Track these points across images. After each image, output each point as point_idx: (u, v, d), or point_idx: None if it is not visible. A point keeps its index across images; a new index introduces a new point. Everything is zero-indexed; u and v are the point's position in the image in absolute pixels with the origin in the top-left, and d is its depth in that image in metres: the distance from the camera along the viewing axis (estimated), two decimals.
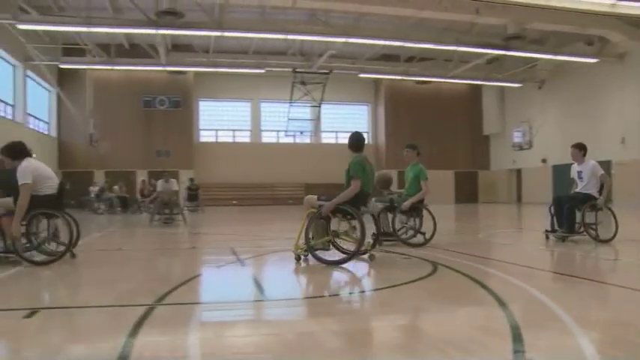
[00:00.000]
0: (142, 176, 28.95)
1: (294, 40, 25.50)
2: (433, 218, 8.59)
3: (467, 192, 37.13)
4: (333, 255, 6.65)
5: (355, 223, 6.63)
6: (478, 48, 24.59)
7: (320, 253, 6.51)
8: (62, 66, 27.94)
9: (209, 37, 25.43)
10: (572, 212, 8.84)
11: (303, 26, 23.04)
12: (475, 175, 38.02)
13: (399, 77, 31.10)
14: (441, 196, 32.91)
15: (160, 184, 15.95)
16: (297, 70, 28.56)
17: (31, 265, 6.37)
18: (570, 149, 9.35)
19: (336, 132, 37.43)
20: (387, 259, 7.10)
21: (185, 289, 5.03)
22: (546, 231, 9.16)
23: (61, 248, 6.88)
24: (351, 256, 6.35)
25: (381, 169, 26.87)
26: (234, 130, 36.38)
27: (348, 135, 7.07)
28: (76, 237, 6.93)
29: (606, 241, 8.50)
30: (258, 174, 34.51)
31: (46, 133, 30.90)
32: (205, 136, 36.05)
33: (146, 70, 30.78)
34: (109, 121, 31.25)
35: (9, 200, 6.62)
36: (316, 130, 35.47)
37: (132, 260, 7.43)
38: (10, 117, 26.10)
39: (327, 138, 37.38)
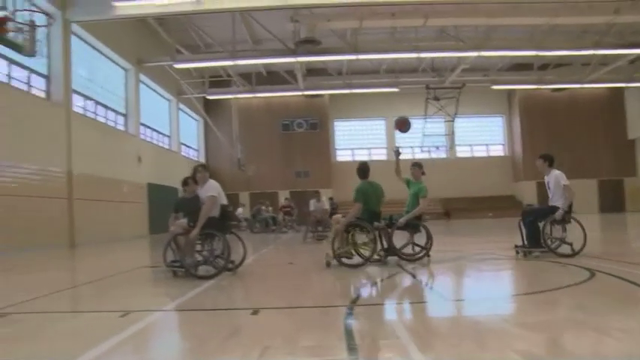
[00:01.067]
0: (283, 196, 30.57)
1: (425, 57, 26.03)
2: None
3: (612, 201, 35.52)
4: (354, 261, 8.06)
5: (371, 235, 8.07)
6: (620, 49, 23.51)
7: (344, 260, 8.02)
8: (209, 97, 30.23)
9: (342, 60, 26.56)
10: (534, 226, 8.38)
11: (434, 43, 23.52)
12: (620, 182, 36.24)
13: (534, 87, 30.50)
14: (584, 205, 31.89)
15: (312, 204, 17.08)
16: (430, 86, 28.98)
17: (230, 277, 7.34)
18: (536, 161, 8.91)
19: (471, 145, 37.36)
20: (543, 265, 7.51)
21: (372, 292, 5.88)
22: (516, 246, 8.73)
23: (220, 263, 7.59)
24: (365, 261, 7.90)
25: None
26: (369, 149, 37.34)
27: (483, 148, 7.91)
28: (243, 255, 7.85)
29: (570, 256, 7.95)
30: (395, 190, 34.88)
31: (195, 159, 33.42)
32: (342, 156, 37.30)
33: (284, 96, 32.53)
34: (252, 145, 33.25)
35: (185, 222, 7.59)
36: (451, 144, 35.57)
37: (307, 271, 8.16)
38: (167, 146, 28.66)
39: (462, 152, 37.39)
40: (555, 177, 8.43)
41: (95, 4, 17.37)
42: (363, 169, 8.83)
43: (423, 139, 33.53)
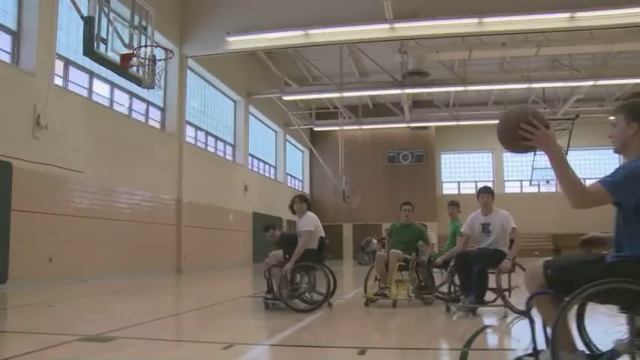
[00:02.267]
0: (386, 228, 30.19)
1: (536, 88, 25.10)
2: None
3: None
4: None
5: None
6: None
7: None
8: (316, 128, 30.62)
9: (449, 91, 26.20)
10: (484, 276, 6.71)
11: (546, 72, 22.74)
12: None
13: None
14: None
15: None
16: None
17: (330, 311, 7.17)
18: (482, 195, 7.28)
19: (584, 179, 35.50)
20: None
21: (486, 336, 5.52)
22: (445, 300, 7.36)
23: (316, 296, 7.55)
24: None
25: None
26: (476, 182, 36.40)
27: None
28: (333, 288, 7.41)
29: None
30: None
31: (300, 189, 33.84)
32: (448, 189, 36.59)
33: (390, 128, 32.40)
34: (356, 176, 33.25)
35: (280, 253, 7.54)
36: None
37: (412, 308, 7.75)
38: (273, 177, 29.20)
39: None
40: (503, 217, 7.15)
41: (209, 39, 18.09)
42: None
43: (533, 173, 32.33)
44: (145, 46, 9.33)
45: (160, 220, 16.72)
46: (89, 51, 8.25)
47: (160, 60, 9.35)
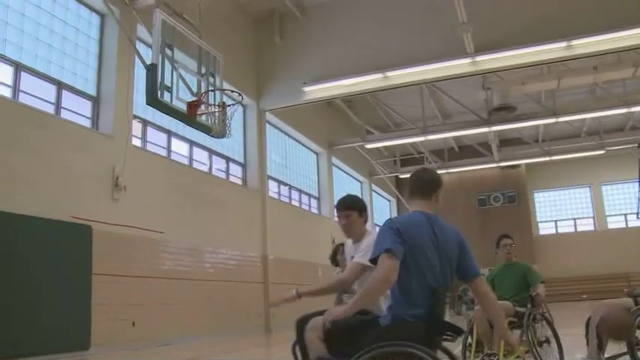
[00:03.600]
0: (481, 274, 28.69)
1: (631, 113, 23.35)
2: None
3: None
4: None
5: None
6: None
7: None
8: (401, 176, 29.84)
9: (538, 126, 24.92)
10: None
11: None
12: None
13: None
14: None
15: None
16: None
17: None
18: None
19: None
20: None
21: None
22: None
23: None
24: None
25: None
26: (575, 219, 34.32)
27: None
28: None
29: None
30: (608, 263, 31.57)
31: None
32: (544, 229, 34.62)
33: (478, 169, 31.12)
34: (447, 221, 32.00)
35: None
36: None
37: None
38: None
39: None
40: None
41: (286, 91, 17.87)
42: None
43: (639, 205, 30.09)
44: (212, 90, 8.97)
45: (246, 278, 16.25)
46: (153, 100, 7.95)
47: (229, 105, 8.92)
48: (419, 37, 16.29)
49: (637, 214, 30.00)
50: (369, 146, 23.59)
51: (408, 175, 26.14)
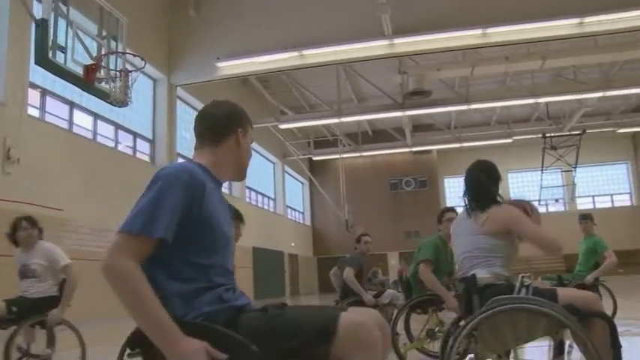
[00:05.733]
0: (392, 258, 29.18)
1: (540, 103, 24.15)
2: (612, 296, 7.33)
3: None
4: None
5: None
6: None
7: None
8: (315, 158, 29.65)
9: (450, 113, 25.34)
10: None
11: (552, 87, 21.81)
12: None
13: None
14: None
15: None
16: (547, 134, 27.04)
17: None
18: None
19: (593, 196, 34.61)
20: None
21: None
22: None
23: None
24: None
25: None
26: None
27: (607, 199, 5.98)
28: None
29: None
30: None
31: (301, 222, 32.73)
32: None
33: (391, 154, 31.40)
34: (359, 205, 32.18)
35: None
36: (571, 197, 32.99)
37: None
38: (272, 210, 28.11)
39: (583, 204, 34.54)
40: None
41: (199, 66, 17.14)
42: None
43: (541, 192, 31.34)
44: (112, 53, 8.28)
45: None
46: (42, 59, 7.21)
47: (131, 71, 8.26)
48: (337, 16, 15.98)
49: (538, 201, 31.35)
50: (283, 127, 23.21)
51: (321, 157, 26.09)
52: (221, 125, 2.31)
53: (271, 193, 28.57)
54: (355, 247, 7.85)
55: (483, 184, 3.61)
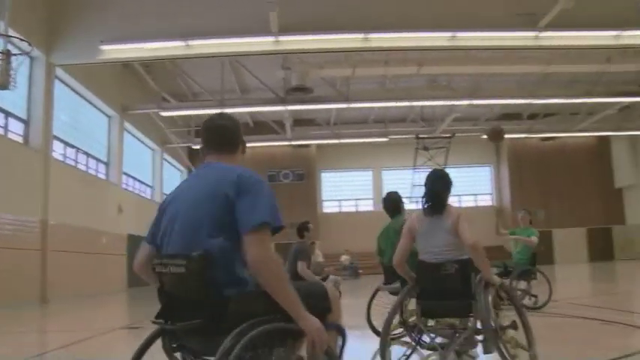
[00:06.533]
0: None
1: (415, 106, 25.54)
2: (548, 281, 8.32)
3: (601, 249, 34.60)
4: None
5: None
6: (610, 98, 23.32)
7: None
8: (195, 147, 29.50)
9: (330, 109, 26.13)
10: None
11: (426, 92, 23.12)
12: (609, 231, 35.48)
13: (523, 135, 29.98)
14: (573, 254, 31.62)
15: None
16: (420, 135, 28.56)
17: None
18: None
19: (459, 195, 36.85)
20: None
21: None
22: None
23: None
24: None
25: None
26: (356, 200, 36.67)
27: (471, 198, 6.90)
28: None
29: None
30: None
31: None
32: (329, 207, 36.57)
33: (271, 146, 31.80)
34: None
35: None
36: None
37: None
38: (149, 197, 27.72)
39: (450, 202, 36.55)
40: None
41: (81, 47, 16.64)
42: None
43: (412, 190, 32.92)
44: None
45: (21, 244, 14.96)
46: None
47: (15, 55, 8.10)
48: (227, 9, 16.14)
49: (410, 198, 32.87)
50: (164, 114, 22.99)
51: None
52: (236, 136, 2.86)
53: (149, 181, 28.15)
54: (302, 235, 8.29)
55: (443, 193, 4.56)
